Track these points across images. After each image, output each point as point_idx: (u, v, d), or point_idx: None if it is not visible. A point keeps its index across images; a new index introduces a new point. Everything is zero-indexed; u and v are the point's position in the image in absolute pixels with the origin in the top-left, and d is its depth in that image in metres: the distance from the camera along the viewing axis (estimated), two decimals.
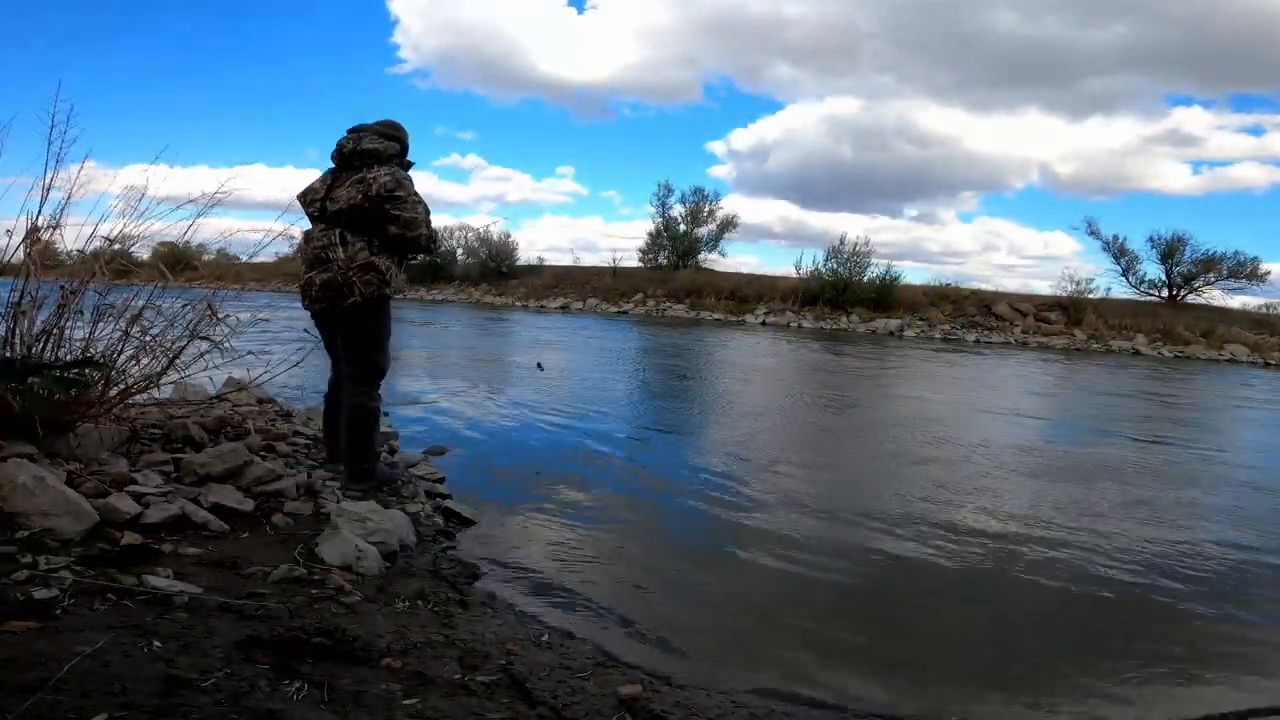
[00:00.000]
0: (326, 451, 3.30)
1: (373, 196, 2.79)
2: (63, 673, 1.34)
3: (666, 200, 29.27)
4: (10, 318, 2.68)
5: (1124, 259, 25.22)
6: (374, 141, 2.89)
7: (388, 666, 1.65)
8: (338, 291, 2.83)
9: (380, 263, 2.85)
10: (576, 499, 3.50)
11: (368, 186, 2.79)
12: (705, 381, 8.74)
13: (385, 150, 2.90)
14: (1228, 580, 2.95)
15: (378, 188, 2.78)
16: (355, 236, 2.83)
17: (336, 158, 2.95)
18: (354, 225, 2.84)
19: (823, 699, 1.92)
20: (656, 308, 24.33)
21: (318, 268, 2.86)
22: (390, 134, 2.97)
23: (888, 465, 4.72)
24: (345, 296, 2.83)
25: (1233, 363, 18.05)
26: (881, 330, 20.82)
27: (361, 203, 2.80)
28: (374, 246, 2.85)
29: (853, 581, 2.76)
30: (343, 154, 2.91)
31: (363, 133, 2.93)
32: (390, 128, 3.01)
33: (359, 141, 2.89)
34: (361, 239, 2.84)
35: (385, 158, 2.90)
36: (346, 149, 2.90)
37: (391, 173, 2.84)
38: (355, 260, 2.81)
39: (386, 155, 2.91)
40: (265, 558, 2.19)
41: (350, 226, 2.84)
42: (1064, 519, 3.63)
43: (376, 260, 2.84)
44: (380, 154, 2.89)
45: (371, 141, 2.89)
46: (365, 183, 2.80)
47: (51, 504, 2.05)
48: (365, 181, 2.80)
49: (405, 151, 3.04)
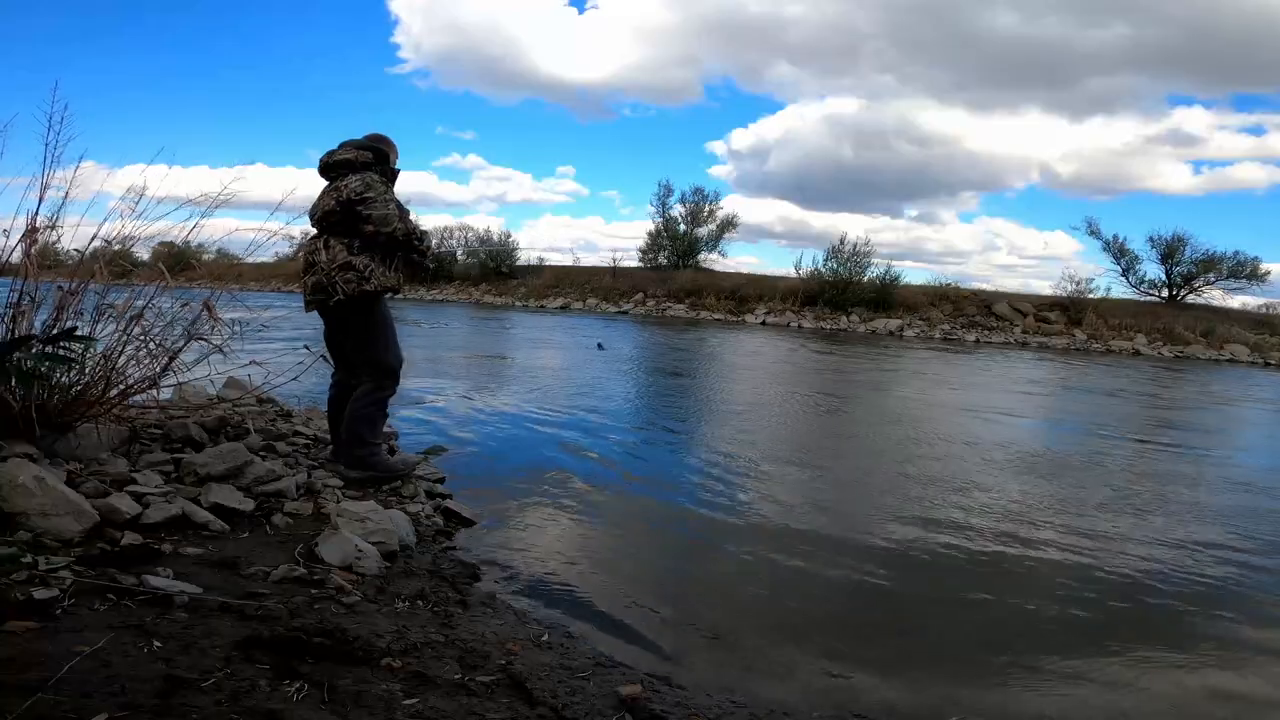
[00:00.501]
0: (331, 450, 3.34)
1: (344, 201, 3.03)
2: (63, 673, 1.34)
3: (666, 200, 29.31)
4: (9, 318, 2.67)
5: (1124, 259, 25.25)
6: (346, 153, 3.15)
7: (388, 666, 1.65)
8: (324, 292, 3.05)
9: (358, 261, 3.05)
10: (576, 499, 3.50)
11: (339, 193, 3.04)
12: (705, 381, 8.74)
13: (357, 159, 3.14)
14: (1227, 580, 2.96)
15: (348, 193, 3.02)
16: (336, 240, 3.07)
17: (320, 171, 3.21)
18: (334, 230, 3.08)
19: (823, 698, 1.92)
20: (656, 308, 24.33)
21: (308, 271, 3.12)
22: (367, 145, 3.21)
23: (886, 465, 4.72)
24: (330, 295, 3.03)
25: (1233, 363, 18.06)
26: (881, 330, 20.82)
27: (335, 208, 3.04)
28: (353, 247, 3.06)
29: (853, 581, 2.76)
30: (323, 167, 3.19)
31: (342, 146, 3.19)
32: (373, 140, 3.26)
33: (334, 154, 3.16)
34: (341, 242, 3.06)
35: (358, 166, 3.13)
36: (324, 162, 3.18)
37: (361, 178, 3.07)
38: (335, 261, 3.04)
39: (359, 164, 3.14)
40: (265, 558, 2.19)
41: (331, 231, 3.08)
42: (1061, 519, 3.63)
43: (354, 260, 3.04)
44: (352, 163, 3.13)
45: (344, 153, 3.15)
46: (338, 190, 3.05)
47: (51, 504, 2.05)
48: (338, 189, 3.06)
49: (385, 160, 3.25)
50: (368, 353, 3.14)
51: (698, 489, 3.82)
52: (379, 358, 3.14)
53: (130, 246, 3.12)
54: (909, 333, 20.57)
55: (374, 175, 3.10)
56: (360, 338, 3.14)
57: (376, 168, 3.16)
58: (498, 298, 26.68)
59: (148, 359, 2.98)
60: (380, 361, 3.15)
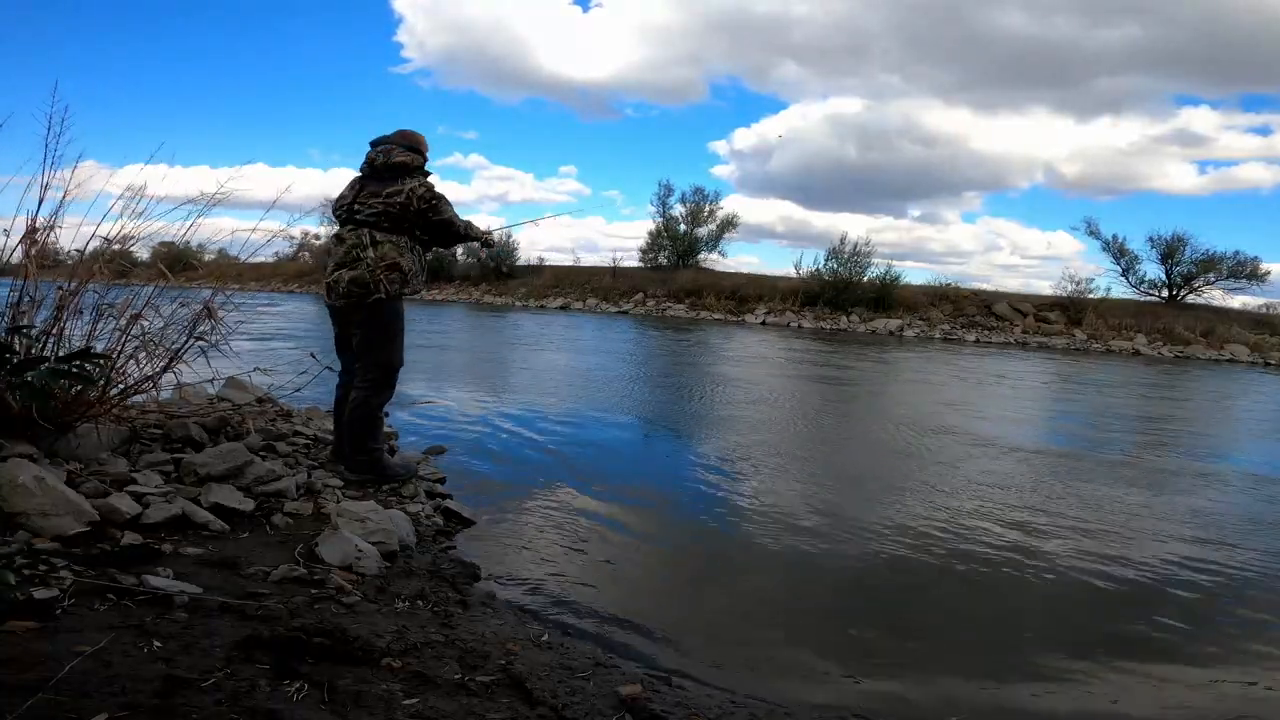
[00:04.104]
0: (332, 450, 3.34)
1: (415, 209, 3.07)
2: (63, 673, 1.34)
3: (667, 200, 29.29)
4: (10, 318, 2.67)
5: (1124, 259, 25.23)
6: (403, 155, 3.15)
7: (388, 666, 1.65)
8: (364, 288, 3.03)
9: (405, 263, 3.09)
10: (576, 498, 3.50)
11: (407, 197, 3.06)
12: (704, 382, 8.73)
13: (413, 163, 3.17)
14: (1229, 582, 2.95)
15: (416, 199, 3.07)
16: (385, 237, 3.07)
17: (367, 169, 3.18)
18: (386, 228, 3.07)
19: (823, 698, 1.92)
20: (656, 307, 24.32)
21: (347, 265, 3.07)
22: (413, 146, 3.22)
23: (887, 466, 4.72)
24: (371, 293, 3.03)
25: (1233, 362, 18.06)
26: (881, 331, 20.82)
27: (400, 209, 3.05)
28: (401, 248, 3.09)
29: (852, 581, 2.76)
30: (374, 166, 3.15)
31: (390, 146, 3.16)
32: (412, 140, 3.23)
33: (389, 155, 3.14)
34: (390, 239, 3.08)
35: (414, 170, 3.17)
36: (378, 162, 3.14)
37: (424, 185, 3.13)
38: (384, 259, 3.05)
39: (414, 167, 3.17)
40: (265, 558, 2.19)
41: (380, 227, 3.07)
42: (1063, 520, 3.63)
43: (402, 261, 3.08)
44: (409, 166, 3.15)
45: (401, 155, 3.14)
46: (403, 192, 3.06)
47: (51, 504, 2.05)
48: (402, 191, 3.06)
49: (425, 162, 3.29)
50: (377, 352, 3.12)
51: (698, 489, 3.82)
52: (387, 359, 3.14)
53: (130, 246, 3.12)
54: (909, 333, 20.57)
55: (429, 179, 3.18)
56: (376, 336, 3.11)
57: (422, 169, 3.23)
58: (498, 298, 26.67)
59: (147, 359, 2.98)
60: (389, 362, 3.14)
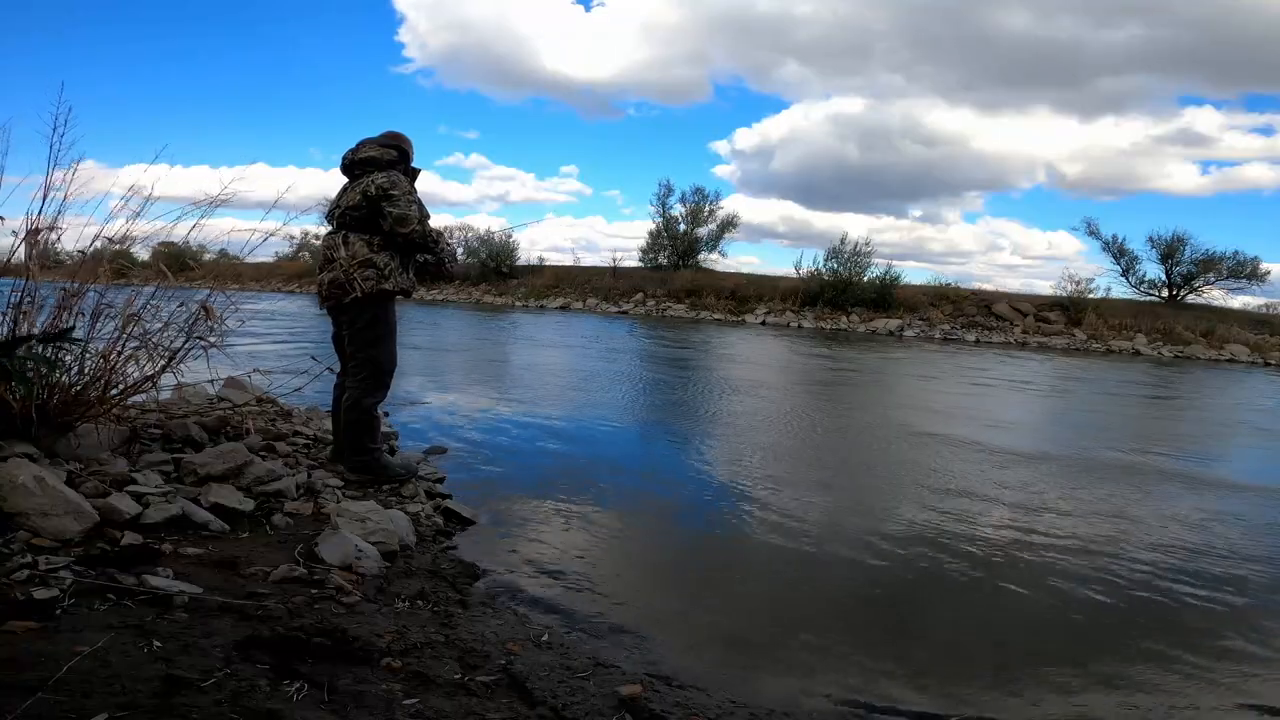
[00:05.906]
0: (332, 450, 3.33)
1: (371, 196, 3.02)
2: (63, 673, 1.34)
3: (667, 200, 29.27)
4: (11, 319, 2.67)
5: (1124, 259, 25.25)
6: (371, 150, 3.14)
7: (388, 666, 1.65)
8: (341, 288, 3.06)
9: (379, 259, 3.06)
10: (576, 498, 3.50)
11: (365, 188, 3.04)
12: (704, 382, 8.73)
13: (382, 156, 3.14)
14: (1231, 583, 2.95)
15: (375, 189, 3.02)
16: (356, 236, 3.08)
17: (343, 169, 3.21)
18: (356, 226, 3.08)
19: (824, 699, 1.92)
20: (656, 307, 24.32)
21: (326, 268, 3.12)
22: (388, 142, 3.20)
23: (888, 466, 4.72)
24: (347, 293, 3.05)
25: (1233, 363, 18.05)
26: (881, 331, 20.82)
27: (360, 203, 3.04)
28: (374, 245, 3.07)
29: (854, 582, 2.76)
30: (346, 164, 3.19)
31: (362, 142, 3.18)
32: (391, 138, 3.24)
33: (358, 151, 3.15)
34: (362, 238, 3.07)
35: (383, 164, 3.12)
36: (348, 159, 3.18)
37: (387, 175, 3.06)
38: (356, 258, 3.04)
39: (384, 161, 3.13)
40: (265, 558, 2.19)
41: (353, 228, 3.09)
42: (1065, 521, 3.63)
43: (375, 257, 3.06)
44: (378, 160, 3.12)
45: (369, 150, 3.14)
46: (364, 185, 3.05)
47: (51, 504, 2.05)
48: (364, 185, 3.05)
49: (406, 158, 3.25)
50: (366, 351, 3.12)
51: (698, 489, 3.82)
52: (379, 357, 3.14)
53: (130, 246, 3.12)
54: (909, 333, 20.57)
55: (399, 174, 3.11)
56: (363, 335, 3.12)
57: (399, 166, 3.18)
58: (497, 297, 26.65)
59: (147, 359, 2.98)
60: (379, 361, 3.14)
